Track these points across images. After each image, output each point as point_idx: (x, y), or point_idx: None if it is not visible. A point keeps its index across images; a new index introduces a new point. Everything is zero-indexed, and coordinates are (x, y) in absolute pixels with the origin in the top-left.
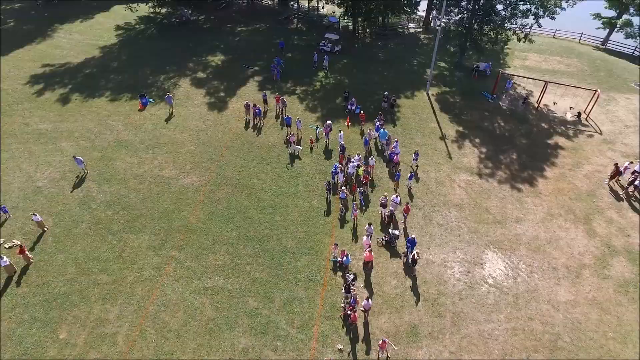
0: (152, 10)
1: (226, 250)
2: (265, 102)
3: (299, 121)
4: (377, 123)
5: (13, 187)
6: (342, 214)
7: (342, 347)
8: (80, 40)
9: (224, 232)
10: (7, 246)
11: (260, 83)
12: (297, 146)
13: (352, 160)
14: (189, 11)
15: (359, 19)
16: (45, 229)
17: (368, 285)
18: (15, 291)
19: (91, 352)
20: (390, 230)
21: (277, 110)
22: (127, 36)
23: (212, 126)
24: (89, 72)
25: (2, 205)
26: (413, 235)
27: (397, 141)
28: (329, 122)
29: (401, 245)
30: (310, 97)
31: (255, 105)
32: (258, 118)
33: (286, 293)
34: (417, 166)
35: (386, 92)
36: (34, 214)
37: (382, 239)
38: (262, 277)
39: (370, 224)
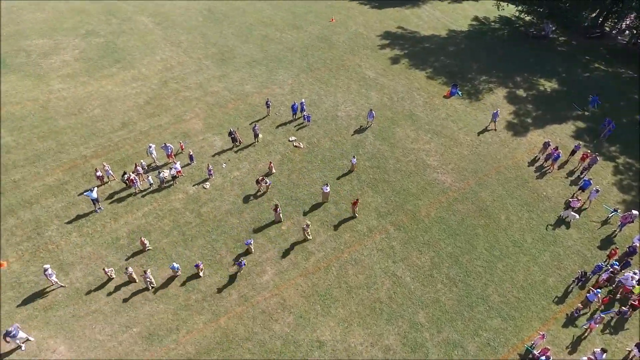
0: (517, 14)
1: (432, 257)
2: (572, 152)
3: (597, 191)
4: None
5: (322, 107)
6: (576, 314)
7: None
8: (438, 17)
9: (441, 241)
10: (295, 144)
11: (578, 131)
12: (574, 214)
13: (636, 272)
14: (553, 28)
15: None
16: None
17: None
18: (281, 180)
19: (291, 254)
20: None
21: (578, 167)
22: (477, 29)
23: (497, 144)
24: (427, 46)
25: (308, 115)
26: None
27: None
28: (635, 212)
29: None
30: (631, 173)
31: (556, 149)
32: (551, 162)
33: (456, 336)
34: None
35: None
36: (354, 157)
37: None
38: (445, 304)
39: (604, 351)
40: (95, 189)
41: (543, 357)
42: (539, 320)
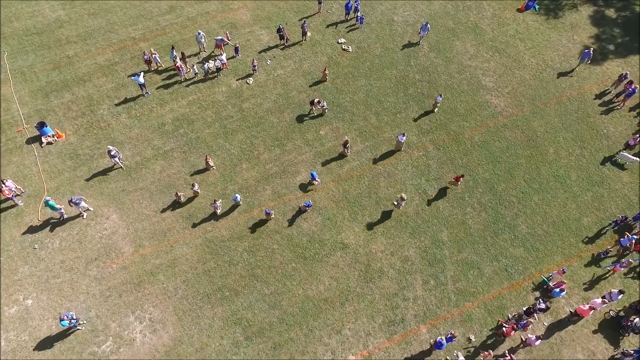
0: None
1: (466, 181)
2: None
3: None
4: None
5: (377, 9)
6: (603, 256)
7: (473, 339)
8: None
9: (479, 166)
10: (343, 47)
11: None
12: (634, 157)
13: None
14: None
15: None
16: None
17: (554, 329)
18: (325, 84)
19: (326, 159)
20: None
21: None
22: None
23: (567, 71)
24: None
25: (362, 16)
26: None
27: None
28: None
29: (634, 342)
30: None
31: (631, 83)
32: (623, 98)
33: (475, 257)
34: None
35: None
36: (440, 96)
37: (616, 314)
38: (471, 226)
39: (621, 292)
40: (142, 73)
41: (557, 290)
42: (563, 256)
